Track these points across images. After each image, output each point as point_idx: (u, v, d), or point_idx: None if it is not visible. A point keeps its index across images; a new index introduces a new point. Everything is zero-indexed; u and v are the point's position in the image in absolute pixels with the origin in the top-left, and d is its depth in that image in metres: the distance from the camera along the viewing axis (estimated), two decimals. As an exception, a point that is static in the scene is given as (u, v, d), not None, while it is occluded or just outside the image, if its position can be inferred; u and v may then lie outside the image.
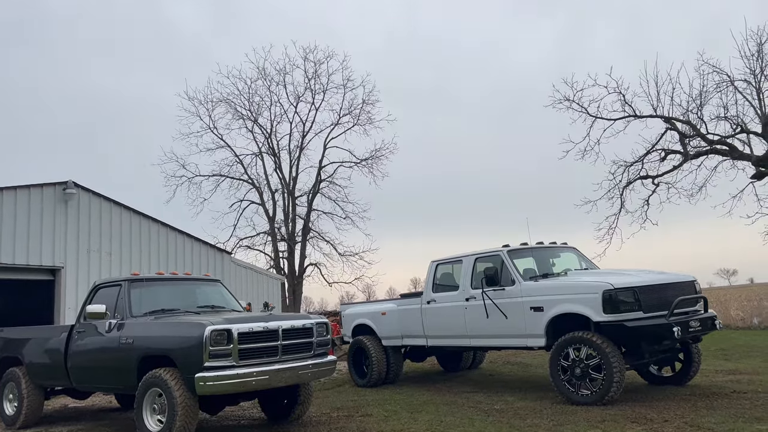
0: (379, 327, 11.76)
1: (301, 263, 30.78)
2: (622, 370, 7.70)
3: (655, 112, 19.89)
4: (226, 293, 9.17)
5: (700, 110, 19.16)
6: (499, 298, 9.16)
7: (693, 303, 8.50)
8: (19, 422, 8.76)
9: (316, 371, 7.44)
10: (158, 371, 6.80)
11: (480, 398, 9.19)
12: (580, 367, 7.95)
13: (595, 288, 7.98)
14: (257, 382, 6.70)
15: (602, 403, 7.69)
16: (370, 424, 7.67)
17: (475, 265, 9.90)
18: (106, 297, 8.10)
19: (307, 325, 7.54)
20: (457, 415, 7.89)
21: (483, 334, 9.61)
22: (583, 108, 20.74)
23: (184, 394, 6.57)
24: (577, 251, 10.32)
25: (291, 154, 31.53)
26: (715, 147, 19.15)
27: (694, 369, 8.98)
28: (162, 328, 7.23)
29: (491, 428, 6.93)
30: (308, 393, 8.09)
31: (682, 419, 6.75)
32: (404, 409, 8.66)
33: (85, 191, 15.91)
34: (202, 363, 6.42)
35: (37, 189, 14.78)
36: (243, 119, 30.86)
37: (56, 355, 8.41)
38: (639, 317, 7.81)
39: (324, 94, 31.03)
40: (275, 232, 30.85)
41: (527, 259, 9.63)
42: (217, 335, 6.52)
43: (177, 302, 8.21)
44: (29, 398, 8.76)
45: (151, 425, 6.88)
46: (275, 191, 31.39)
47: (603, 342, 7.74)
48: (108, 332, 7.67)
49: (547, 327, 8.49)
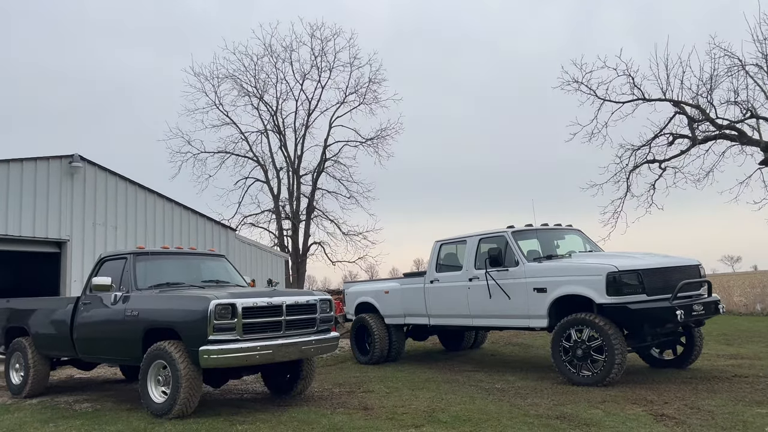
0: (382, 305, 11.82)
1: (305, 241, 30.89)
2: (623, 352, 7.73)
3: (664, 96, 19.72)
4: (231, 269, 9.21)
5: (710, 94, 18.98)
6: (503, 278, 9.18)
7: (697, 287, 8.49)
8: (25, 391, 8.88)
9: (318, 347, 7.51)
10: (163, 344, 6.87)
11: (481, 377, 9.26)
12: (581, 349, 7.98)
13: (599, 270, 7.98)
14: (261, 357, 6.76)
15: (603, 385, 7.73)
16: (372, 399, 7.74)
17: (479, 245, 9.90)
18: (112, 270, 8.14)
19: (310, 301, 7.59)
20: (458, 393, 7.95)
21: (485, 314, 9.65)
22: (591, 90, 20.57)
23: (188, 367, 6.64)
24: (582, 233, 10.31)
25: (296, 132, 31.50)
26: (724, 132, 19.00)
27: (696, 353, 9.01)
28: (167, 301, 7.28)
29: (492, 406, 6.99)
30: (311, 368, 8.16)
31: (682, 401, 6.79)
32: (405, 386, 8.74)
33: (90, 165, 15.92)
34: (206, 336, 6.48)
35: (44, 162, 14.80)
36: (249, 96, 30.80)
37: (62, 326, 8.49)
38: (642, 300, 7.82)
39: (330, 72, 30.94)
40: (279, 210, 30.91)
41: (531, 241, 9.63)
42: (222, 309, 6.56)
43: (182, 276, 8.27)
44: (35, 368, 8.87)
45: (156, 396, 6.98)
46: (280, 169, 31.42)
47: (605, 324, 7.76)
48: (113, 304, 7.73)
49: (550, 308, 8.51)
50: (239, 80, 30.45)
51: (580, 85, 20.61)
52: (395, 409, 7.05)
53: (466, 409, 6.90)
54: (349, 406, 7.39)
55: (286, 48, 30.75)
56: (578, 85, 20.62)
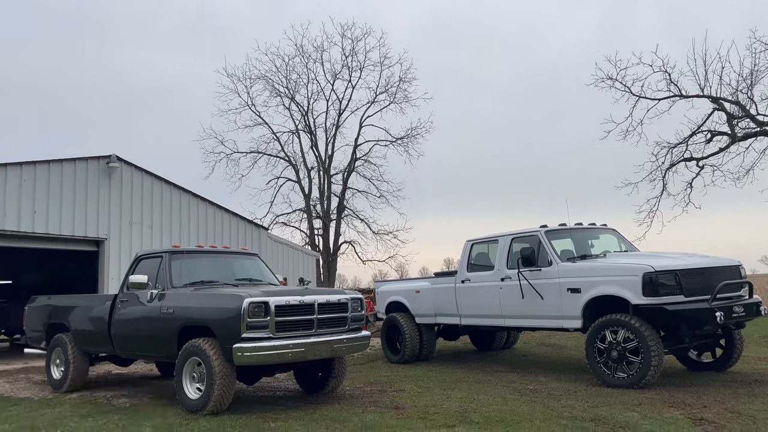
0: (412, 305, 11.80)
1: (336, 240, 31.06)
2: (660, 354, 7.57)
3: (702, 92, 19.25)
4: (264, 267, 9.30)
5: (750, 90, 18.48)
6: (536, 278, 9.07)
7: (737, 288, 8.26)
8: (65, 386, 9.12)
9: (350, 345, 7.54)
10: (197, 341, 6.97)
11: (513, 378, 9.18)
12: (617, 350, 7.85)
13: (635, 270, 7.82)
14: (293, 354, 6.82)
15: (639, 387, 7.58)
16: (404, 399, 7.73)
17: (511, 245, 9.81)
18: (148, 268, 8.30)
19: (342, 300, 7.62)
20: (489, 394, 7.89)
21: (518, 314, 9.55)
22: (626, 87, 20.22)
23: (222, 364, 6.73)
24: (617, 233, 10.12)
25: (327, 132, 31.69)
26: (765, 129, 18.45)
27: (736, 355, 8.77)
28: (201, 299, 7.39)
29: (525, 407, 6.91)
30: (342, 367, 8.20)
31: (721, 405, 6.62)
32: (437, 385, 8.71)
33: (127, 165, 16.27)
34: (240, 334, 6.56)
35: (82, 162, 15.17)
36: (280, 96, 31.11)
37: (100, 323, 8.69)
38: (680, 301, 7.64)
39: (361, 71, 31.04)
40: (311, 210, 31.14)
41: (565, 240, 9.49)
42: (255, 307, 6.64)
43: (216, 274, 8.38)
44: (75, 363, 9.09)
45: (191, 393, 7.09)
46: (311, 169, 31.66)
47: (641, 325, 7.61)
48: (149, 302, 7.88)
49: (584, 309, 8.39)
50: (271, 81, 30.82)
51: (615, 81, 20.30)
52: (427, 408, 7.03)
53: (499, 410, 6.84)
54: (380, 404, 7.40)
55: (317, 48, 31.02)
56: (612, 81, 20.32)
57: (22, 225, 13.59)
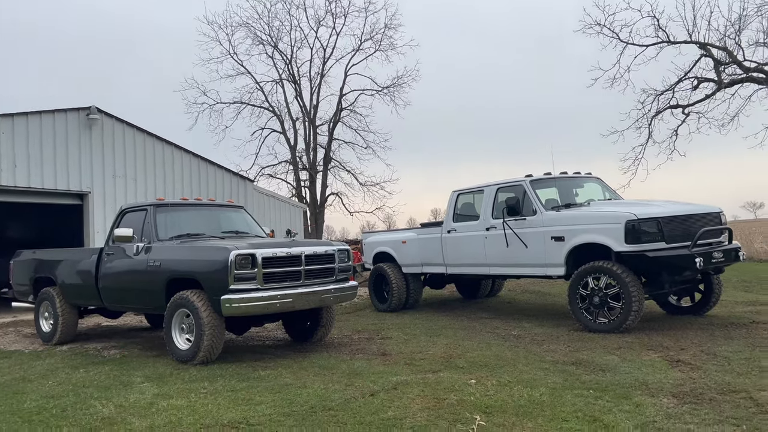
0: (399, 255, 11.92)
1: (323, 192, 30.97)
2: (640, 300, 7.76)
3: (690, 38, 19.11)
4: (250, 219, 9.30)
5: (738, 35, 18.36)
6: (520, 227, 9.17)
7: (717, 234, 8.42)
8: (55, 339, 9.19)
9: (337, 295, 7.64)
10: (185, 293, 7.03)
11: (497, 324, 9.38)
12: (598, 296, 8.02)
13: (618, 218, 7.92)
14: (281, 305, 6.90)
15: (619, 331, 7.80)
16: (390, 345, 7.90)
17: (496, 195, 9.85)
18: (133, 221, 8.27)
19: (329, 251, 7.67)
20: (474, 340, 8.08)
21: (502, 262, 9.69)
22: (614, 33, 20.00)
23: (210, 315, 6.81)
24: (601, 181, 10.19)
25: (311, 82, 31.11)
26: (751, 75, 18.43)
27: (714, 299, 9.01)
28: (188, 252, 7.41)
29: (508, 352, 7.10)
30: (330, 316, 8.32)
31: (698, 347, 6.84)
32: (423, 332, 8.89)
33: (108, 117, 15.95)
34: (227, 286, 6.61)
35: (61, 114, 14.84)
36: (263, 44, 30.33)
37: (87, 276, 8.71)
38: (661, 248, 7.78)
39: (345, 17, 30.24)
40: (297, 161, 30.90)
41: (550, 189, 9.55)
42: (242, 259, 6.67)
43: (202, 227, 8.37)
44: (64, 316, 9.14)
45: (180, 344, 7.19)
46: (296, 119, 31.20)
47: (623, 272, 7.76)
48: (136, 255, 7.89)
49: (567, 257, 8.52)
50: (253, 28, 29.97)
51: (603, 27, 20.06)
52: (413, 355, 7.20)
53: (483, 355, 7.02)
54: (368, 352, 7.56)
55: (299, -7, 30.05)
56: (600, 28, 20.09)
57: (2, 179, 13.37)
